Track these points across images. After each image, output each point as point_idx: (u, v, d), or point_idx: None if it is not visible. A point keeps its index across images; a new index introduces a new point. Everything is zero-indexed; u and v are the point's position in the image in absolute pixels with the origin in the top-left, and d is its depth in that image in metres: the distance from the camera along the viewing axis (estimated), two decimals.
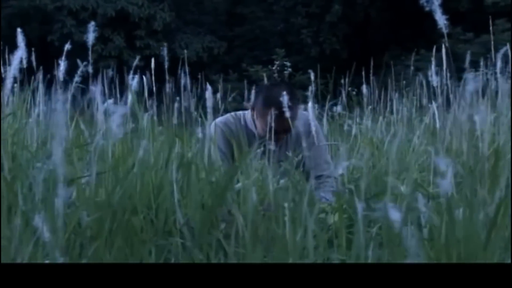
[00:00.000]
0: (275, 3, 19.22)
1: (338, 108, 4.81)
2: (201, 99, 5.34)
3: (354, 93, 6.99)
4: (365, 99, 4.91)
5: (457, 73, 11.38)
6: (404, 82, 5.65)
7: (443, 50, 3.75)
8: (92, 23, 2.50)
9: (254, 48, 19.98)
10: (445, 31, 2.40)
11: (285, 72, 13.21)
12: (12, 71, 2.37)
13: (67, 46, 3.01)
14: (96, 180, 1.86)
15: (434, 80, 3.42)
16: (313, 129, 3.02)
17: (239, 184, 2.33)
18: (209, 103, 2.51)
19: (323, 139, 3.29)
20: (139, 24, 17.05)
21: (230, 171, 2.34)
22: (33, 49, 3.57)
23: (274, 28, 19.80)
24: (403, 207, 2.14)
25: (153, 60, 5.05)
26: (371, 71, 6.11)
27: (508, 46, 4.02)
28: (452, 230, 1.56)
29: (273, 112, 3.05)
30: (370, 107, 4.59)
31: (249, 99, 3.40)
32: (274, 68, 13.79)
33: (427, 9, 2.37)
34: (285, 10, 18.96)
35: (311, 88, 4.41)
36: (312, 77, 4.72)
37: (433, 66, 3.42)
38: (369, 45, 18.19)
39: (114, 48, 16.59)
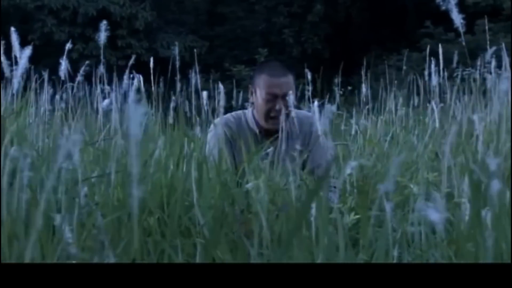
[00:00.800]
0: (257, 2, 19.24)
1: (333, 108, 4.79)
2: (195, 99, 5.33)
3: (341, 92, 7.02)
4: (364, 99, 4.93)
5: (439, 73, 11.42)
6: (396, 81, 5.68)
7: (440, 50, 3.73)
8: (104, 21, 2.49)
9: (235, 47, 19.97)
10: (461, 30, 2.40)
11: None
12: (19, 70, 2.35)
13: (68, 45, 2.99)
14: (114, 181, 1.85)
15: (434, 79, 3.43)
16: (319, 128, 3.04)
17: (250, 184, 2.32)
18: (222, 102, 2.51)
19: (325, 139, 3.30)
20: (120, 24, 16.97)
21: (241, 171, 2.34)
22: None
23: (255, 28, 19.80)
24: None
25: (152, 59, 5.02)
26: (365, 70, 6.13)
27: (503, 46, 4.03)
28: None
29: (270, 77, 3.27)
30: (367, 106, 4.61)
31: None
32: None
33: (442, 8, 2.37)
34: (266, 9, 18.98)
35: (309, 87, 4.43)
36: (309, 77, 4.72)
37: (432, 66, 3.43)
38: (350, 45, 18.26)
39: (96, 48, 16.48)
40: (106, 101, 3.57)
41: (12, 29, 2.97)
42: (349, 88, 9.90)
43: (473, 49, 15.43)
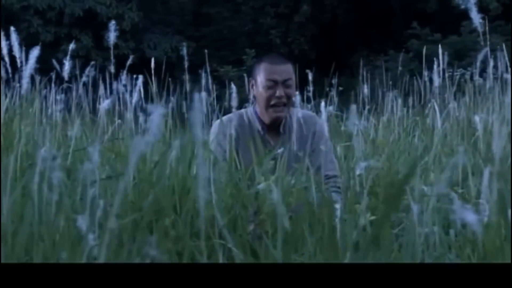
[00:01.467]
0: (244, 3, 19.23)
1: (330, 108, 4.80)
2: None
3: (333, 93, 7.01)
4: (366, 99, 4.93)
5: (428, 73, 11.47)
6: (391, 82, 5.69)
7: (440, 50, 3.74)
8: (113, 22, 2.47)
9: (221, 48, 19.96)
10: (480, 30, 2.40)
11: None
12: (28, 70, 2.33)
13: (72, 46, 2.97)
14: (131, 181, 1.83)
15: (436, 80, 3.44)
16: (325, 129, 3.07)
17: (262, 185, 2.31)
18: (234, 102, 2.50)
19: (328, 140, 3.30)
20: (107, 24, 16.88)
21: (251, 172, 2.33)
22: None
23: (242, 29, 19.80)
24: (429, 208, 2.15)
25: (152, 60, 4.98)
26: (361, 70, 6.13)
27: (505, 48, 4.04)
28: None
29: (269, 64, 3.29)
30: (368, 107, 4.61)
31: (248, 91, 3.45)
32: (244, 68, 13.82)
33: (462, 7, 2.36)
34: (253, 10, 18.99)
35: (310, 88, 4.43)
36: (310, 77, 4.72)
37: (435, 66, 3.44)
38: (336, 46, 18.28)
39: (82, 48, 16.42)
40: (107, 101, 3.56)
41: (12, 28, 2.95)
42: (341, 88, 9.89)
43: (460, 50, 15.50)
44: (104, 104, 3.46)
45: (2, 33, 2.94)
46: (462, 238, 2.01)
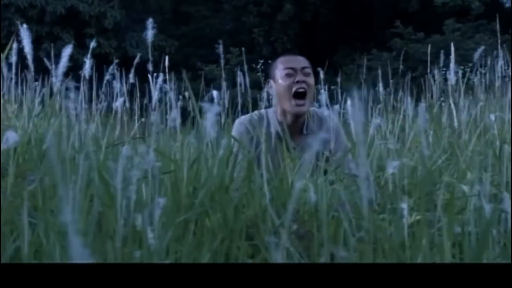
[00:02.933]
0: (226, 2, 19.20)
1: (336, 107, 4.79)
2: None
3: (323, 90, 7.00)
4: (381, 97, 4.93)
5: (411, 72, 11.59)
6: (392, 80, 5.69)
7: (452, 48, 3.74)
8: (150, 20, 2.45)
9: (202, 47, 19.90)
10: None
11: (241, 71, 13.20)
12: (60, 69, 2.31)
13: (93, 44, 2.95)
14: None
15: (452, 78, 3.44)
16: (341, 127, 3.08)
17: (299, 184, 2.30)
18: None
19: (344, 137, 3.31)
20: (89, 22, 16.80)
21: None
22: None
23: (223, 27, 19.77)
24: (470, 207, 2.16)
25: (158, 58, 4.94)
26: (364, 69, 6.13)
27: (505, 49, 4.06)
28: None
29: (286, 56, 3.39)
30: (379, 106, 4.62)
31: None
32: (227, 66, 13.77)
33: (507, 5, 2.36)
34: (236, 9, 18.96)
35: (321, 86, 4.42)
36: (322, 75, 4.70)
37: (452, 64, 3.43)
38: (319, 45, 18.32)
39: (63, 46, 16.26)
40: (120, 100, 3.53)
41: (24, 26, 2.92)
42: (332, 87, 9.91)
43: (442, 49, 15.60)
44: (118, 103, 3.44)
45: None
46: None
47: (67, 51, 2.31)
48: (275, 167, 2.53)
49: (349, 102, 2.74)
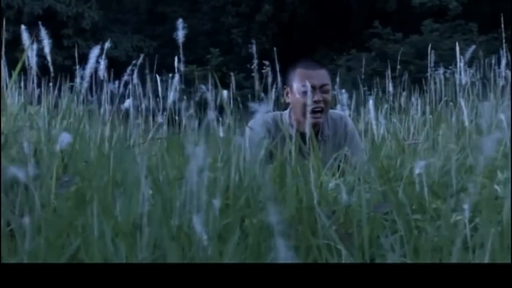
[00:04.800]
0: (205, 2, 19.16)
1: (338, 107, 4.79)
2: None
3: None
4: (390, 97, 4.94)
5: (391, 72, 11.52)
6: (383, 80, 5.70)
7: (457, 48, 3.76)
8: (180, 20, 2.43)
9: (179, 47, 19.76)
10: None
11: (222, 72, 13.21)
12: (88, 70, 2.28)
13: (107, 45, 2.92)
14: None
15: (463, 78, 3.45)
16: (355, 129, 3.08)
17: (332, 184, 2.30)
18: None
19: (359, 138, 3.31)
20: (66, 23, 16.67)
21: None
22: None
23: (201, 28, 19.71)
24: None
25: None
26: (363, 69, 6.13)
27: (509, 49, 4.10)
28: None
29: (307, 66, 3.30)
30: (386, 105, 4.61)
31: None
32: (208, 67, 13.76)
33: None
34: (214, 9, 18.93)
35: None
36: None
37: (462, 64, 3.44)
38: (298, 45, 18.33)
39: (41, 48, 16.13)
40: (128, 101, 3.50)
41: (42, 29, 2.90)
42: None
43: (421, 49, 15.69)
44: (126, 104, 3.41)
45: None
46: None
47: (94, 52, 2.28)
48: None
49: (370, 102, 2.74)
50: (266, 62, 8.13)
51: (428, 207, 2.27)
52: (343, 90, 2.93)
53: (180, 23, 2.42)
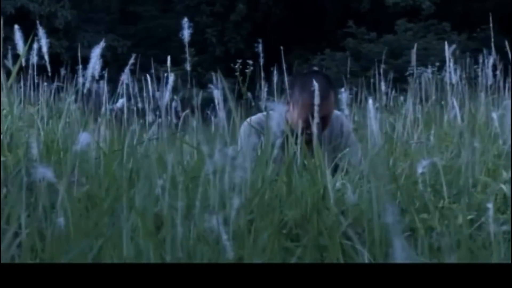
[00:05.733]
0: (179, 2, 19.09)
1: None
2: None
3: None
4: (384, 97, 4.95)
5: (364, 72, 11.64)
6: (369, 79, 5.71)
7: (446, 46, 3.77)
8: (186, 19, 2.42)
9: (152, 47, 19.71)
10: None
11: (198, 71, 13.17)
12: (90, 70, 2.26)
13: (102, 44, 2.89)
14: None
15: (453, 78, 3.47)
16: (351, 128, 3.07)
17: (338, 183, 2.31)
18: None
19: (354, 137, 3.32)
20: (39, 22, 16.51)
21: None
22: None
23: (175, 27, 19.60)
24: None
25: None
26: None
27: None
28: None
29: (311, 97, 3.07)
30: (377, 104, 4.60)
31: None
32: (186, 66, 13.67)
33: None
34: (189, 8, 18.85)
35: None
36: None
37: (451, 64, 3.45)
38: (272, 45, 18.32)
39: (14, 47, 15.96)
40: (121, 101, 3.48)
41: (41, 31, 2.88)
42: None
43: (395, 49, 15.78)
44: (118, 104, 3.39)
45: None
46: None
47: (96, 52, 2.26)
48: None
49: (370, 102, 2.74)
50: (250, 61, 8.12)
51: (432, 206, 2.28)
52: (343, 89, 2.92)
53: (185, 22, 2.40)
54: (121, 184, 1.74)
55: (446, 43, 3.74)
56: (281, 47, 4.37)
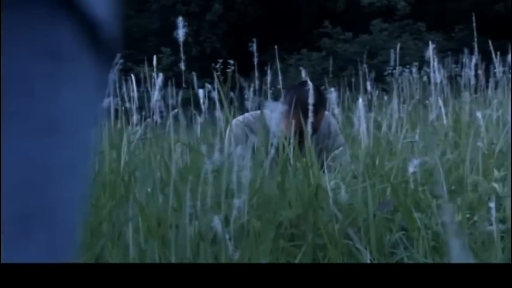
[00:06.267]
0: (154, 1, 19.03)
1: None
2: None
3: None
4: (369, 96, 4.97)
5: (340, 72, 11.69)
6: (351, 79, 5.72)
7: (430, 46, 3.79)
8: (180, 18, 2.41)
9: (128, 47, 19.60)
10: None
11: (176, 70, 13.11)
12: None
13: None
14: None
15: (437, 77, 3.48)
16: (338, 128, 3.09)
17: (332, 183, 2.31)
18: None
19: (341, 136, 3.33)
20: None
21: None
22: None
23: (150, 27, 19.56)
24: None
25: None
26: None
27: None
28: None
29: (298, 112, 3.03)
30: (365, 103, 4.60)
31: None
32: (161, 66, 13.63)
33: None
34: (164, 8, 18.81)
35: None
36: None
37: (435, 63, 3.47)
38: (247, 44, 18.32)
39: None
40: (106, 100, 3.46)
41: None
42: (264, 87, 9.92)
43: (371, 49, 15.86)
44: (105, 103, 3.36)
45: None
46: None
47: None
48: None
49: (360, 101, 2.76)
50: (231, 61, 8.10)
51: (425, 205, 2.30)
52: (332, 89, 2.93)
53: (180, 21, 2.40)
54: (120, 183, 1.74)
55: (430, 42, 3.76)
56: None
